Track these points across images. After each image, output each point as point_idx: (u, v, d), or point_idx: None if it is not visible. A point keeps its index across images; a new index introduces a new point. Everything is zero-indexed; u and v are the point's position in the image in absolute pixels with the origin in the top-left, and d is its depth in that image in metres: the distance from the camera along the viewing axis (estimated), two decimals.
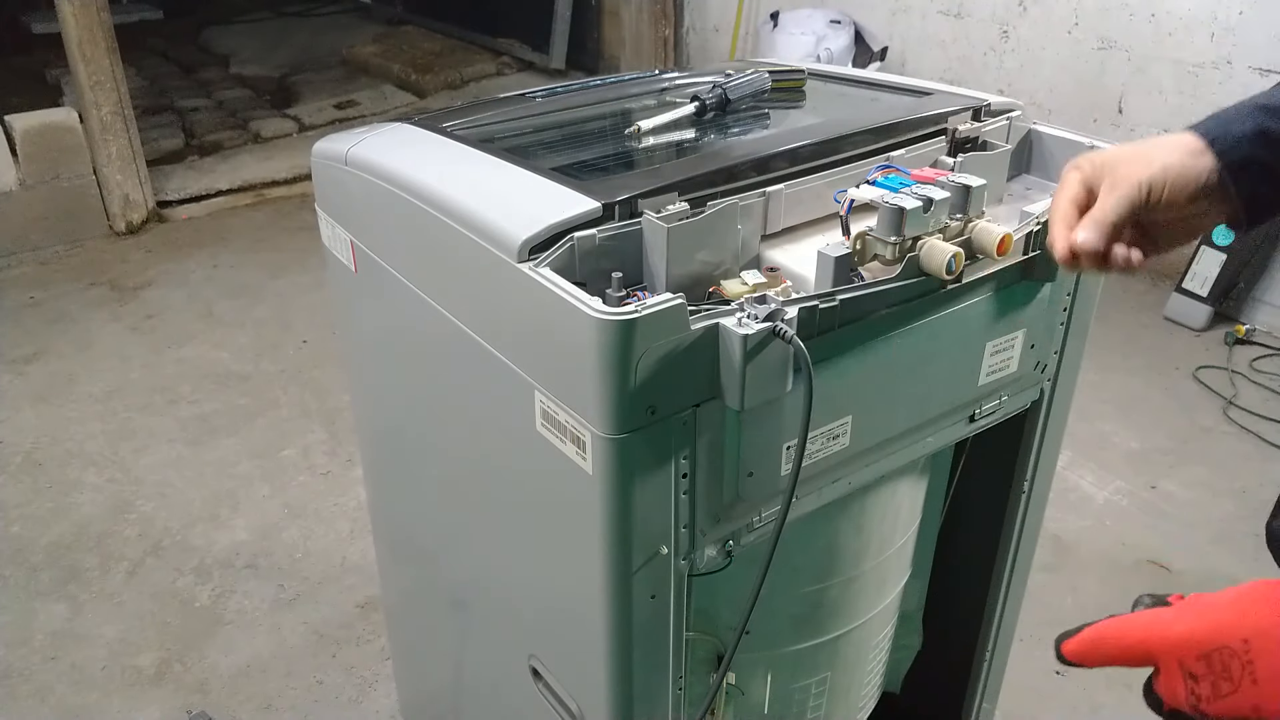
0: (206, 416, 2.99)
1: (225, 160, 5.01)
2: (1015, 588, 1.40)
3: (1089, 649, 0.64)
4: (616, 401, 0.80)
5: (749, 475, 0.90)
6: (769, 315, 0.80)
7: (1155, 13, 3.57)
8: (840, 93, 1.41)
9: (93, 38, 3.98)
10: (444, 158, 1.10)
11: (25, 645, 2.15)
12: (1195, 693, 0.58)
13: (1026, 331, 1.08)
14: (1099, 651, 0.63)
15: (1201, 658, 0.58)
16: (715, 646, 1.12)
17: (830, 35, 4.52)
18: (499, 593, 1.18)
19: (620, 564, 0.88)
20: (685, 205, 0.92)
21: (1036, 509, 1.34)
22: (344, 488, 2.65)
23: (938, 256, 0.88)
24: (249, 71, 6.59)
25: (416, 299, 1.07)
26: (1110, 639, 0.63)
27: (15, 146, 3.99)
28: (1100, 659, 0.63)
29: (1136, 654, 0.62)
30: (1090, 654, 0.64)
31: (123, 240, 4.24)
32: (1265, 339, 3.32)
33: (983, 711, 1.52)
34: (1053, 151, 1.21)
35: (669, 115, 1.23)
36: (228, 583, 2.33)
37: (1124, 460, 2.72)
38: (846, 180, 1.03)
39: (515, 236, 0.86)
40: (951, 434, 1.12)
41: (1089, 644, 0.63)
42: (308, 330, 3.47)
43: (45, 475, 2.72)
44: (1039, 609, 2.16)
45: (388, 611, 1.75)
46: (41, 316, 3.60)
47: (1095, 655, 0.63)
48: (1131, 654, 0.62)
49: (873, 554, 1.17)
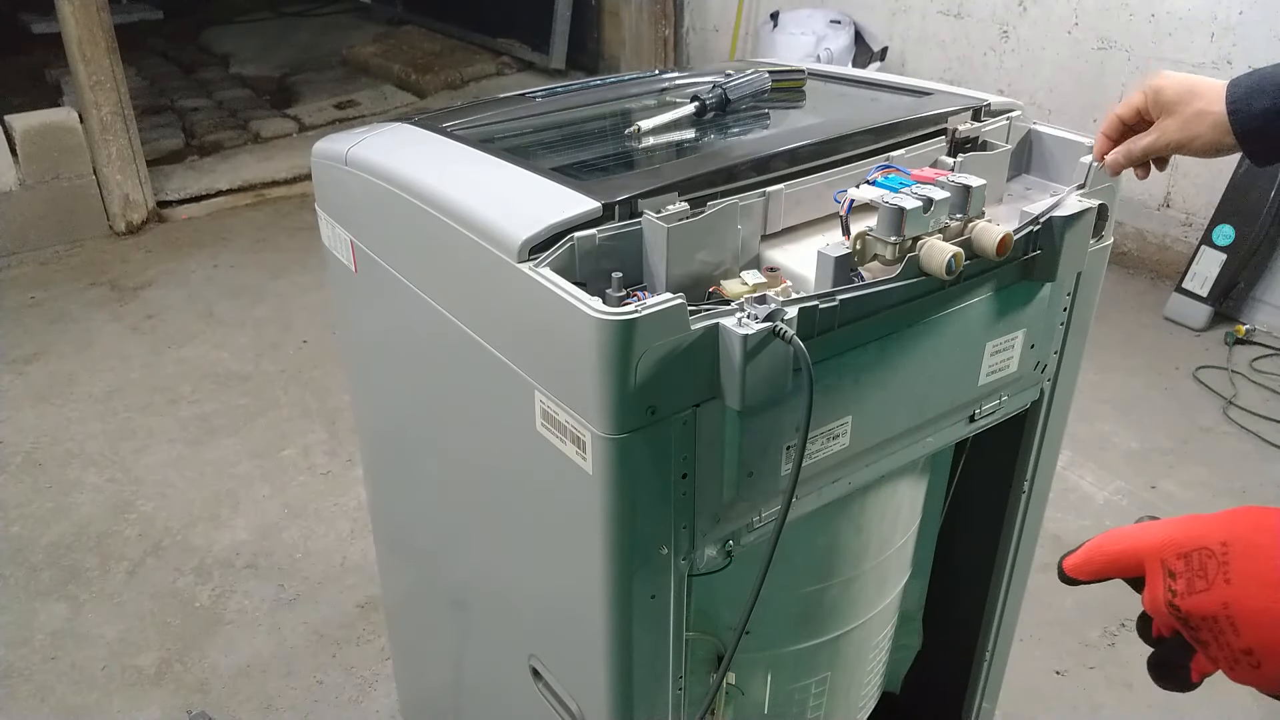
0: (206, 416, 2.99)
1: (225, 160, 5.01)
2: (1015, 588, 1.40)
3: (1086, 559, 0.67)
4: (616, 401, 0.80)
5: (749, 475, 0.90)
6: (769, 315, 0.80)
7: (1155, 13, 3.57)
8: (840, 93, 1.41)
9: (93, 38, 3.98)
10: (444, 158, 1.10)
11: (25, 645, 2.15)
12: (1172, 588, 0.62)
13: (1026, 331, 1.08)
14: (1094, 562, 0.67)
15: (1181, 556, 0.61)
16: (715, 646, 1.12)
17: (830, 35, 4.52)
18: (499, 593, 1.18)
19: (620, 564, 0.88)
20: (685, 205, 0.92)
21: (1036, 509, 1.34)
22: (344, 488, 2.65)
23: (938, 256, 0.88)
24: (249, 71, 6.59)
25: (416, 299, 1.07)
26: (1104, 548, 0.67)
27: (15, 146, 3.99)
28: (1096, 570, 0.67)
29: (1128, 560, 0.65)
30: (1086, 565, 0.67)
31: (123, 240, 4.24)
32: (1265, 339, 3.32)
33: (983, 711, 1.52)
34: (1052, 151, 1.21)
35: (669, 115, 1.23)
36: (228, 583, 2.33)
37: (1124, 460, 2.72)
38: (846, 180, 1.03)
39: (515, 236, 0.86)
40: (951, 434, 1.12)
41: (1086, 555, 0.67)
42: (308, 330, 3.47)
43: (45, 475, 2.72)
44: (1039, 609, 2.17)
45: (388, 611, 1.75)
46: (42, 316, 3.60)
47: (1091, 566, 0.67)
48: (1123, 560, 0.66)
49: (873, 554, 1.17)
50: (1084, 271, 1.12)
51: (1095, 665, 2.07)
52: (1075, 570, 0.68)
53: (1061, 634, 2.14)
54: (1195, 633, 0.61)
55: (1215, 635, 0.60)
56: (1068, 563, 0.68)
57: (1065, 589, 2.23)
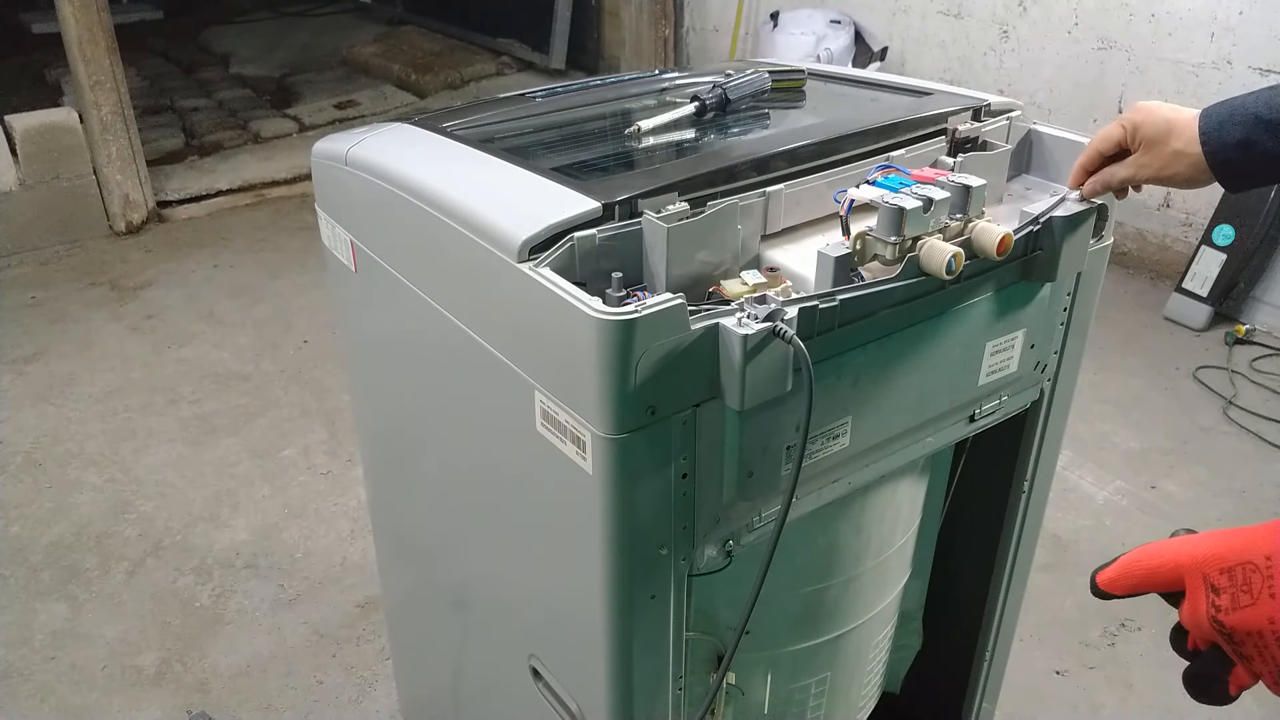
0: (207, 416, 2.99)
1: (225, 160, 5.01)
2: (1015, 588, 1.40)
3: (1122, 574, 0.66)
4: (616, 401, 0.80)
5: (749, 475, 0.90)
6: (769, 315, 0.80)
7: (1155, 13, 3.57)
8: (840, 93, 1.41)
9: (93, 38, 3.98)
10: (444, 158, 1.10)
11: (25, 645, 2.15)
12: (1215, 604, 0.61)
13: (1026, 331, 1.08)
14: (1131, 576, 0.66)
15: (1225, 571, 0.60)
16: (715, 646, 1.12)
17: (830, 35, 4.52)
18: (499, 593, 1.18)
19: (620, 564, 0.88)
20: (685, 205, 0.92)
21: (1036, 509, 1.34)
22: (344, 488, 2.65)
23: (938, 256, 0.88)
24: (249, 71, 6.59)
25: (416, 299, 1.07)
26: (1142, 562, 0.65)
27: (15, 146, 3.99)
28: (1132, 584, 0.66)
29: (1166, 574, 0.64)
30: (1123, 579, 0.66)
31: (123, 240, 4.24)
32: (1265, 339, 3.32)
33: (983, 711, 1.52)
34: (1052, 151, 1.21)
35: (669, 115, 1.23)
36: (228, 583, 2.33)
37: (1124, 460, 2.72)
38: (846, 180, 1.03)
39: (515, 236, 0.86)
40: (951, 434, 1.12)
41: (1122, 569, 0.66)
42: (308, 330, 3.47)
43: (45, 475, 2.72)
44: (1039, 609, 2.17)
45: (388, 611, 1.75)
46: (42, 316, 3.60)
47: (1128, 580, 0.66)
48: (1161, 575, 0.64)
49: (873, 554, 1.17)
50: (1084, 271, 1.13)
51: (1095, 665, 2.07)
52: (1111, 585, 0.67)
53: (1061, 634, 2.14)
54: (1239, 647, 0.61)
55: (1260, 650, 0.60)
56: (1102, 577, 0.68)
57: (1065, 589, 2.24)
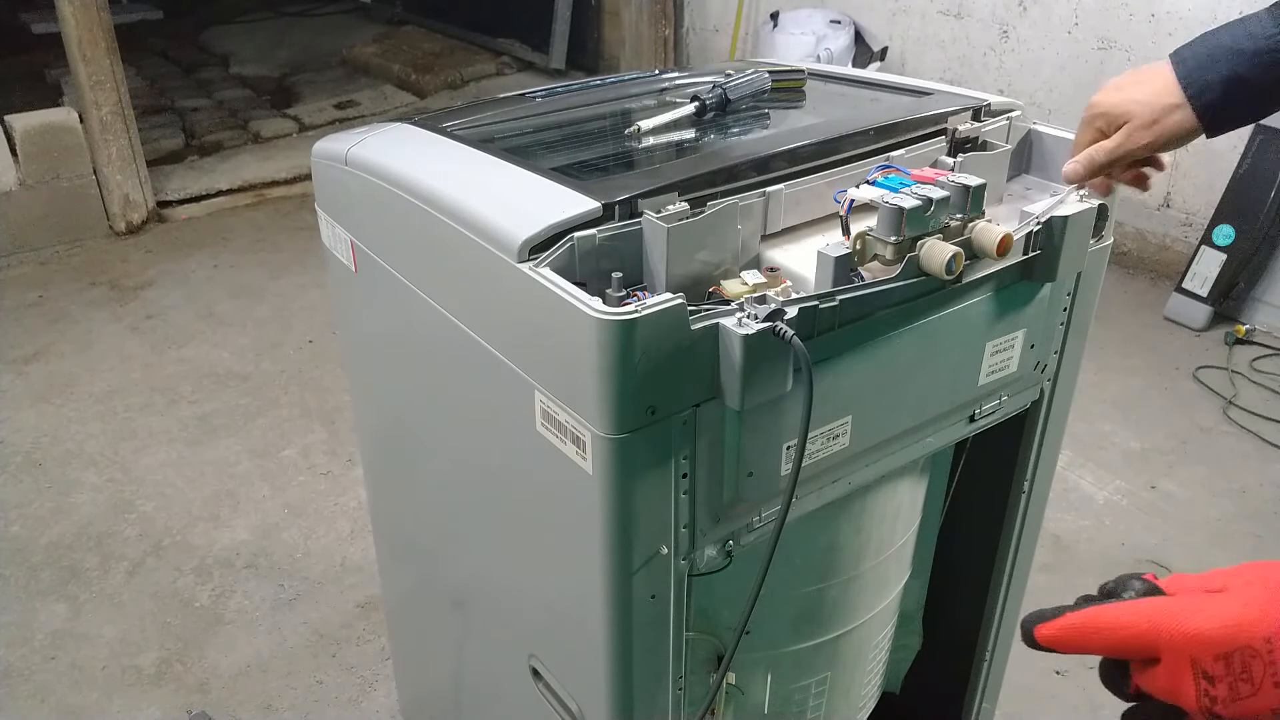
0: (207, 416, 2.99)
1: (225, 160, 5.01)
2: (1015, 588, 1.40)
3: (1072, 635, 0.58)
4: (616, 401, 0.80)
5: (749, 475, 0.90)
6: (769, 315, 0.80)
7: (1155, 13, 3.57)
8: (840, 93, 1.41)
9: (93, 38, 3.98)
10: (444, 158, 1.10)
11: (25, 645, 2.15)
12: (1210, 694, 0.53)
13: (1026, 331, 1.08)
14: (1084, 640, 0.58)
15: (1220, 658, 0.53)
16: (715, 646, 1.12)
17: (830, 35, 4.52)
18: (499, 593, 1.18)
19: (620, 564, 0.88)
20: (685, 205, 0.92)
21: (1036, 509, 1.34)
22: (344, 488, 2.65)
23: (938, 256, 0.88)
24: (249, 71, 6.59)
25: (416, 299, 1.07)
26: (1104, 628, 0.57)
27: (15, 146, 3.99)
28: (1083, 647, 0.58)
29: (1135, 646, 0.56)
30: (1072, 641, 0.58)
31: (123, 240, 4.24)
32: (1265, 339, 3.32)
33: (983, 711, 1.52)
34: (1052, 151, 1.21)
35: (669, 115, 1.23)
36: (228, 583, 2.33)
37: (1124, 460, 2.72)
38: (846, 180, 1.03)
39: (515, 236, 0.86)
40: (951, 434, 1.12)
41: (1073, 630, 0.58)
42: (308, 330, 3.47)
43: (45, 475, 2.72)
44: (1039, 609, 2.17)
45: (388, 611, 1.75)
46: (42, 316, 3.60)
47: (1078, 643, 0.58)
48: (1128, 646, 0.57)
49: (873, 554, 1.17)
50: (1084, 271, 1.13)
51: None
52: (1054, 644, 0.59)
53: None
54: None
55: None
56: (1043, 632, 0.59)
57: (1065, 589, 2.23)
